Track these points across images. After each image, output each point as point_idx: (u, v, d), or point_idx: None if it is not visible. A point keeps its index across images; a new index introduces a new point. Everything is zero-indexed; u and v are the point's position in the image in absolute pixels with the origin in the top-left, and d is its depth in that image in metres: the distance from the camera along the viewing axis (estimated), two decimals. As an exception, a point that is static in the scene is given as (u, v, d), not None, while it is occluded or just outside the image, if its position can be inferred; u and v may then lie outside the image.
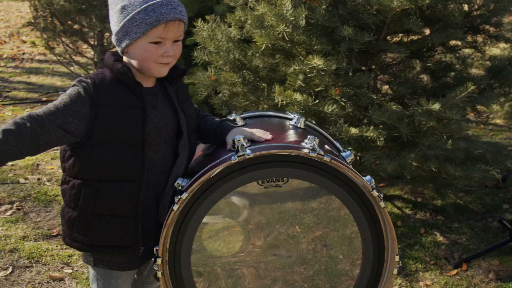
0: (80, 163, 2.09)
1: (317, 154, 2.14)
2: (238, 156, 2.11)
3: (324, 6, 3.50)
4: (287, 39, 3.54)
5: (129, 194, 2.12)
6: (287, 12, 3.43)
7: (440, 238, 3.93)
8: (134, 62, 2.11)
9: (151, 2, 2.02)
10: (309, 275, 2.35)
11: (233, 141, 2.16)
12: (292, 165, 2.20)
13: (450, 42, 4.21)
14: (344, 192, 2.24)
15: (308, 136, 2.22)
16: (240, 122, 2.46)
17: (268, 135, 2.28)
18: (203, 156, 2.41)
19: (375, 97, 3.72)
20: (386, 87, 4.35)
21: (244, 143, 2.15)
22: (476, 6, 4.15)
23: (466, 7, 4.14)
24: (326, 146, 2.39)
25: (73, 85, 2.09)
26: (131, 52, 2.10)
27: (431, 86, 4.10)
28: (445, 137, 3.62)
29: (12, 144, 1.93)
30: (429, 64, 4.26)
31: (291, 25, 3.47)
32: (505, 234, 3.91)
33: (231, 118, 2.52)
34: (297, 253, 2.32)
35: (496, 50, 4.92)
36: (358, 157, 4.26)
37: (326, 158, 2.15)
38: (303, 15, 3.43)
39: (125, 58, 2.14)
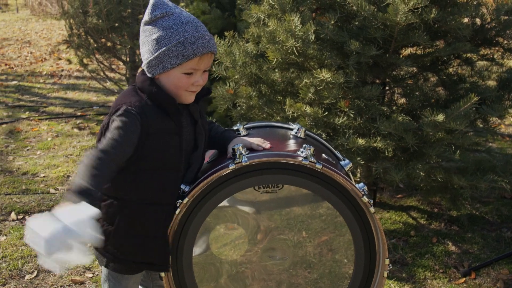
0: (124, 186, 2.22)
1: (309, 162, 2.28)
2: (235, 164, 2.26)
3: (332, 22, 3.64)
4: (297, 53, 3.68)
5: (165, 216, 2.27)
6: (296, 28, 3.57)
7: (452, 248, 3.99)
8: (165, 88, 2.23)
9: (188, 36, 2.15)
10: (313, 278, 2.47)
11: (233, 149, 2.31)
12: (287, 172, 2.34)
13: (464, 55, 4.29)
14: (336, 198, 2.37)
15: (304, 145, 2.36)
16: (243, 132, 2.61)
17: (267, 144, 2.41)
18: (206, 163, 2.56)
19: (385, 109, 3.82)
20: (403, 100, 4.45)
21: (243, 152, 2.30)
22: (489, 19, 4.23)
23: (478, 20, 4.23)
24: (323, 155, 2.51)
25: (123, 116, 2.14)
26: (163, 79, 2.22)
27: (445, 98, 4.18)
28: (453, 147, 3.70)
29: (102, 187, 2.04)
30: (444, 77, 4.34)
31: (300, 40, 3.61)
32: (517, 244, 3.96)
33: (235, 128, 2.67)
34: (294, 256, 2.44)
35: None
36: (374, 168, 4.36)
37: (318, 166, 2.29)
38: (312, 30, 3.57)
39: (156, 82, 2.25)
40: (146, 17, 2.22)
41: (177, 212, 2.29)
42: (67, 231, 1.77)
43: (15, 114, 7.65)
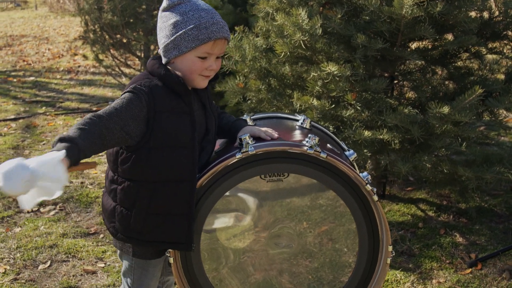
0: (138, 166, 2.26)
1: (314, 151, 2.33)
2: (242, 153, 2.32)
3: (339, 15, 3.68)
4: (305, 47, 3.73)
5: (184, 193, 2.29)
6: (303, 22, 3.62)
7: (459, 239, 4.03)
8: (179, 72, 2.31)
9: (204, 21, 2.22)
10: (313, 267, 2.52)
11: (240, 139, 2.38)
12: (292, 161, 2.40)
13: (473, 48, 4.31)
14: (340, 186, 2.42)
15: (309, 135, 2.41)
16: (250, 123, 2.66)
17: (274, 134, 2.48)
18: (214, 153, 2.62)
19: (393, 101, 3.86)
20: (412, 93, 4.48)
21: (250, 141, 2.36)
22: (497, 13, 4.24)
23: (486, 14, 4.24)
24: (328, 145, 2.57)
25: (130, 91, 2.23)
26: (178, 63, 2.30)
27: (453, 91, 4.21)
28: (460, 140, 3.73)
29: (87, 142, 2.04)
30: (452, 70, 4.37)
31: (307, 34, 3.66)
32: (525, 235, 3.99)
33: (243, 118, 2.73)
34: (298, 244, 2.49)
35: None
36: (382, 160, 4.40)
37: (323, 155, 2.34)
38: (319, 24, 3.62)
39: (169, 67, 2.33)
40: (164, 4, 2.30)
41: (185, 200, 2.35)
42: (24, 168, 1.80)
43: (32, 109, 7.78)
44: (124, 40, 7.56)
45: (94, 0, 7.12)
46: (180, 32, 2.23)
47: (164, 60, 2.32)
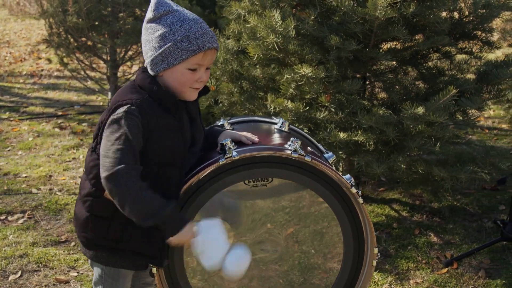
0: None
1: (299, 155, 2.31)
2: (225, 158, 2.27)
3: (312, 17, 3.66)
4: (278, 49, 3.70)
5: None
6: (276, 24, 3.60)
7: (434, 239, 4.04)
8: (168, 85, 2.23)
9: (193, 31, 2.15)
10: (283, 271, 2.49)
11: (221, 144, 2.33)
12: (276, 166, 2.37)
13: (443, 49, 4.34)
14: (324, 189, 2.40)
15: (291, 139, 2.39)
16: (228, 127, 2.62)
17: (255, 138, 2.44)
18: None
19: (366, 103, 3.86)
20: (384, 94, 4.49)
21: (231, 146, 2.31)
22: (467, 13, 4.27)
23: (456, 14, 4.27)
24: (309, 148, 2.55)
25: (125, 118, 2.14)
26: (167, 77, 2.22)
27: (425, 91, 4.23)
28: (433, 140, 3.75)
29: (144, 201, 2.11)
30: (423, 71, 4.39)
31: (281, 36, 3.63)
32: (498, 233, 4.01)
33: (219, 124, 2.69)
34: (282, 248, 2.46)
35: (494, 55, 5.05)
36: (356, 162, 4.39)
37: (307, 159, 2.32)
38: (292, 26, 3.60)
39: (157, 80, 2.25)
40: (149, 14, 2.22)
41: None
42: None
43: (-4, 115, 7.61)
44: (90, 43, 7.42)
45: (59, 3, 6.97)
46: (169, 44, 2.16)
47: (151, 74, 2.25)
